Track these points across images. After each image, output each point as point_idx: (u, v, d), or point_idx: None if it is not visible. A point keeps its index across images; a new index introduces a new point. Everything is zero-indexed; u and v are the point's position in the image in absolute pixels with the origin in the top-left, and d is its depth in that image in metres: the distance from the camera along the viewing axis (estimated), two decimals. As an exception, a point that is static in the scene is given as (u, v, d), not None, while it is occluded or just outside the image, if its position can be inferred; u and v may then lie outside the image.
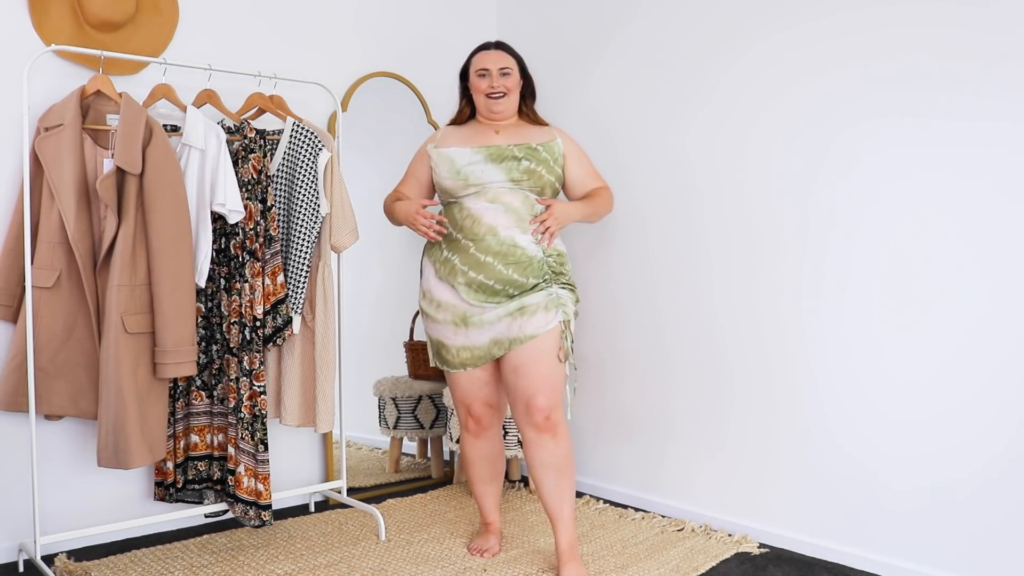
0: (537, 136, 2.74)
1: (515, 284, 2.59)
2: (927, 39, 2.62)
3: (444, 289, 2.65)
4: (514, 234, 2.61)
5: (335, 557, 2.84)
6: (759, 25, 3.03)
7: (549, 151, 2.70)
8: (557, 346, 2.59)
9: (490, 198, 2.62)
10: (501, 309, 2.59)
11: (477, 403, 2.76)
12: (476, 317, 2.61)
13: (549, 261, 2.64)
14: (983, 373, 2.54)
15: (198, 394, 2.94)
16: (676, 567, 2.78)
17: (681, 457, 3.31)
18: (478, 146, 2.67)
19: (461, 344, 2.66)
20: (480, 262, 2.59)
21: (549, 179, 2.68)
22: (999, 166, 2.49)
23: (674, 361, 3.32)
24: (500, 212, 2.61)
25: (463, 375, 2.72)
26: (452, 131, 2.80)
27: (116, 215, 2.55)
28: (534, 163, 2.65)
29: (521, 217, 2.63)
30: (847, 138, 2.80)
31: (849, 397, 2.82)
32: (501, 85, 2.72)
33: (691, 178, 3.25)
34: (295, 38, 3.35)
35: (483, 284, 2.59)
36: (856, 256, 2.80)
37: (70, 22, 2.80)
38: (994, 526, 2.52)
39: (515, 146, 2.66)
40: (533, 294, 2.59)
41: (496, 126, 2.77)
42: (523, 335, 2.57)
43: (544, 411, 2.56)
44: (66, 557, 2.77)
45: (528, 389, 2.57)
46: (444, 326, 2.68)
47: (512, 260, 2.59)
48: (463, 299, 2.61)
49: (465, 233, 2.63)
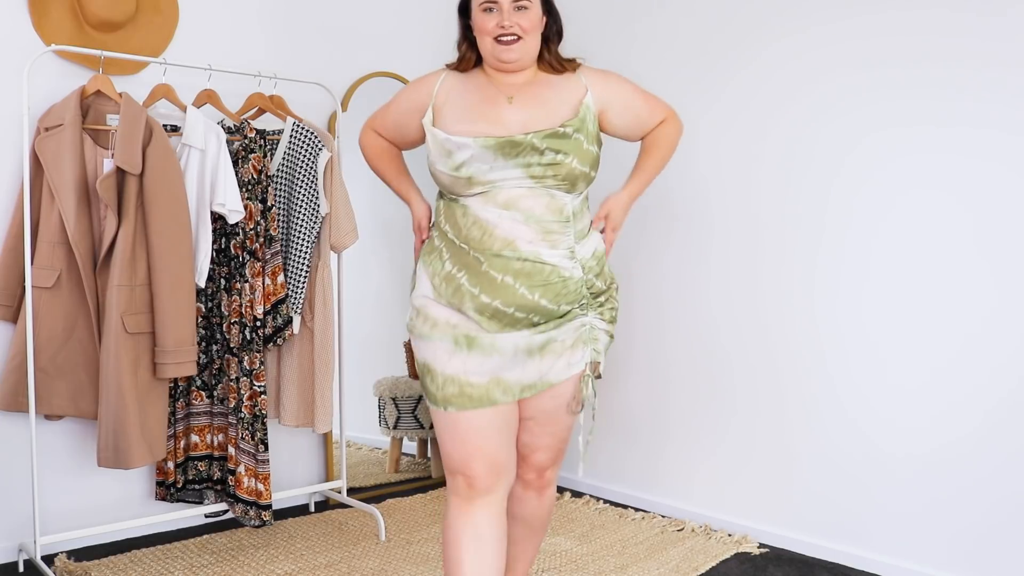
0: (563, 100, 2.00)
1: (542, 312, 1.91)
2: (945, 48, 2.62)
3: (446, 311, 1.96)
4: (539, 249, 1.91)
5: (335, 557, 2.84)
6: (772, 27, 3.03)
7: (581, 125, 1.95)
8: (575, 394, 2.00)
9: (503, 202, 1.91)
10: (520, 338, 1.92)
11: (476, 462, 1.95)
12: (487, 339, 1.92)
13: (588, 279, 1.96)
14: (984, 373, 2.54)
15: (198, 394, 2.94)
16: (676, 567, 2.78)
17: (681, 457, 3.31)
18: (484, 134, 1.92)
19: (452, 373, 1.92)
20: (496, 284, 1.89)
21: (582, 170, 1.94)
22: (1011, 168, 2.50)
23: (675, 361, 3.32)
24: (519, 222, 1.91)
25: (461, 420, 1.94)
26: (454, 87, 2.04)
27: (116, 215, 2.55)
28: (562, 153, 1.91)
29: (547, 227, 1.92)
30: (865, 145, 2.81)
31: (848, 398, 2.82)
32: (515, 25, 1.94)
33: (695, 178, 3.25)
34: (295, 38, 3.35)
35: (499, 312, 1.90)
36: (869, 260, 2.80)
37: (70, 22, 2.80)
38: (994, 527, 2.52)
39: (535, 133, 1.91)
40: (563, 325, 1.94)
41: (508, 87, 2.01)
42: (542, 382, 1.95)
43: (540, 469, 2.11)
44: (66, 557, 2.77)
45: (530, 443, 2.07)
46: (438, 343, 1.94)
47: (539, 282, 1.90)
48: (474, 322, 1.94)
49: (472, 245, 1.92)
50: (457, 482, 1.97)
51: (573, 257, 1.94)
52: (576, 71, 2.05)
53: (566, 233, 1.94)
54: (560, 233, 1.93)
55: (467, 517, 1.95)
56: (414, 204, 2.13)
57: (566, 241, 1.94)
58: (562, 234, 1.93)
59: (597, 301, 2.00)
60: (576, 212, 1.96)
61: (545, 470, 2.12)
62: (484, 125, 1.94)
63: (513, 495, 2.11)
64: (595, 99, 2.01)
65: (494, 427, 1.94)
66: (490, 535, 1.95)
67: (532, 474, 2.11)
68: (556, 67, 2.05)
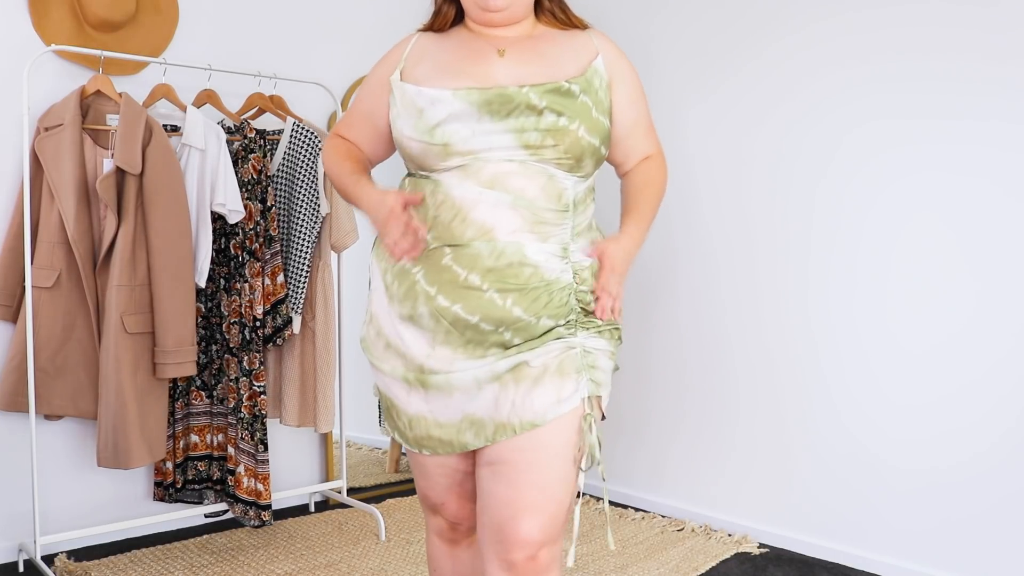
0: (568, 57, 1.57)
1: (516, 325, 1.48)
2: (934, 39, 2.62)
3: (396, 322, 1.56)
4: (522, 240, 1.48)
5: (335, 557, 2.84)
6: (770, 28, 3.03)
7: (588, 87, 1.53)
8: (573, 441, 1.50)
9: (488, 179, 1.48)
10: (483, 369, 1.50)
11: (454, 501, 1.68)
12: (440, 377, 1.52)
13: (580, 290, 1.52)
14: (978, 371, 2.54)
15: (198, 394, 2.94)
16: (676, 567, 2.78)
17: (681, 457, 3.31)
18: (466, 87, 1.50)
19: (416, 413, 1.58)
20: (458, 283, 1.48)
21: (590, 141, 1.52)
22: (1002, 164, 2.50)
23: (675, 361, 3.32)
24: (504, 206, 1.48)
25: (431, 458, 1.63)
26: (427, 44, 1.62)
27: (116, 215, 2.55)
28: (566, 116, 1.49)
29: (539, 215, 1.49)
30: (853, 138, 2.81)
31: (848, 399, 2.82)
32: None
33: (695, 178, 3.25)
34: (295, 38, 3.35)
35: (460, 320, 1.48)
36: (860, 257, 2.80)
37: (70, 22, 2.80)
38: (995, 527, 2.52)
39: (532, 87, 1.49)
40: (543, 344, 1.50)
41: (499, 40, 1.59)
42: (518, 421, 1.49)
43: (530, 546, 1.48)
44: (66, 557, 2.77)
45: (510, 504, 1.49)
46: (391, 380, 1.60)
47: (515, 284, 1.48)
48: (423, 342, 1.53)
49: (439, 231, 1.50)
50: (438, 524, 1.73)
51: (565, 256, 1.52)
52: (586, 30, 1.63)
53: (562, 225, 1.51)
54: (555, 224, 1.50)
55: (452, 558, 1.76)
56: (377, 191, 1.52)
57: (560, 235, 1.51)
58: (557, 225, 1.50)
59: (592, 321, 1.53)
60: (578, 200, 1.54)
61: (536, 548, 1.48)
62: (467, 80, 1.51)
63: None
64: (607, 67, 1.58)
65: (471, 459, 1.61)
66: (479, 568, 1.70)
67: (520, 553, 1.48)
68: (560, 19, 1.62)
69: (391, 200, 1.45)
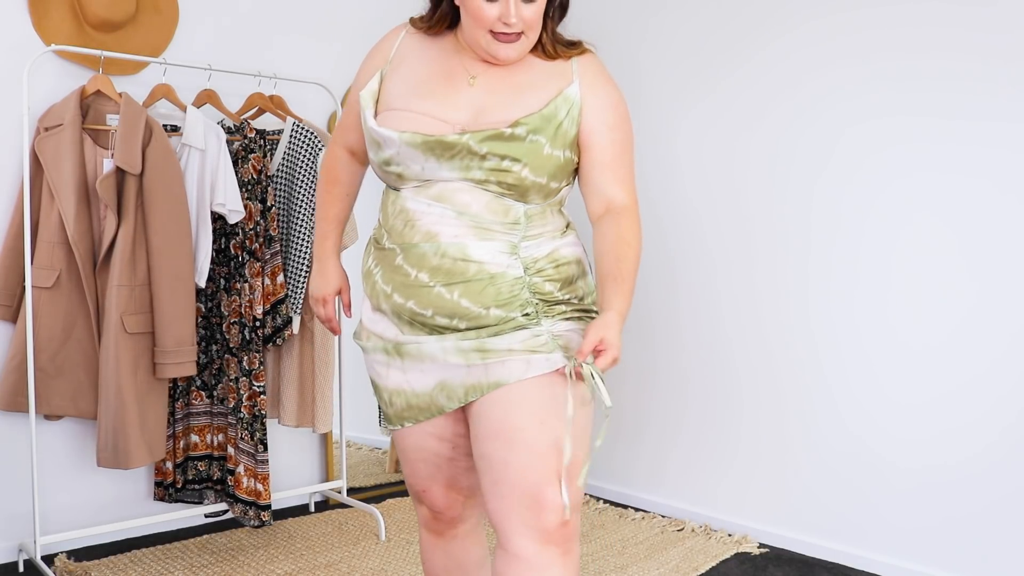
0: (539, 87, 1.58)
1: (466, 316, 1.55)
2: (929, 39, 2.62)
3: (376, 317, 1.67)
4: (466, 241, 1.55)
5: (335, 557, 2.84)
6: (766, 28, 3.03)
7: (543, 124, 1.54)
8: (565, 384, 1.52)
9: (435, 195, 1.57)
10: (448, 342, 1.56)
11: (437, 488, 1.72)
12: (412, 347, 1.60)
13: (535, 281, 1.56)
14: (976, 369, 2.54)
15: (198, 394, 2.94)
16: (676, 567, 2.78)
17: (681, 457, 3.31)
18: (411, 130, 1.55)
19: (395, 386, 1.65)
20: (409, 281, 1.57)
21: (536, 181, 1.55)
22: (1000, 163, 2.50)
23: (675, 361, 3.32)
24: (449, 216, 1.55)
25: (405, 438, 1.70)
26: (412, 45, 1.66)
27: (116, 215, 2.55)
28: (509, 159, 1.53)
29: (484, 225, 1.55)
30: (850, 137, 2.81)
31: (848, 398, 2.82)
32: (521, 20, 1.53)
33: (692, 178, 3.25)
34: (295, 38, 3.35)
35: (417, 314, 1.57)
36: (859, 255, 2.80)
37: (70, 22, 2.80)
38: (995, 526, 2.52)
39: (473, 134, 1.52)
40: (503, 336, 1.54)
41: (477, 64, 1.62)
42: (487, 381, 1.55)
43: (562, 509, 1.50)
44: (66, 557, 2.77)
45: (530, 468, 1.50)
46: (372, 356, 1.69)
47: (460, 279, 1.54)
48: (394, 328, 1.63)
49: (393, 235, 1.61)
50: (424, 514, 1.77)
51: (514, 253, 1.55)
52: (569, 59, 1.62)
53: (511, 234, 1.56)
54: (501, 233, 1.55)
55: (441, 551, 1.78)
56: (326, 264, 1.78)
57: (508, 239, 1.56)
58: (504, 234, 1.55)
59: (556, 309, 1.56)
60: (532, 215, 1.57)
61: (565, 512, 1.49)
62: (432, 104, 1.56)
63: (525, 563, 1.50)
64: (582, 92, 1.58)
65: (449, 442, 1.65)
66: (469, 560, 1.75)
67: (553, 519, 1.49)
68: (548, 52, 1.62)
69: (329, 289, 1.81)
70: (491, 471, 1.53)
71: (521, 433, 1.51)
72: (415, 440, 1.68)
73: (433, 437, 1.66)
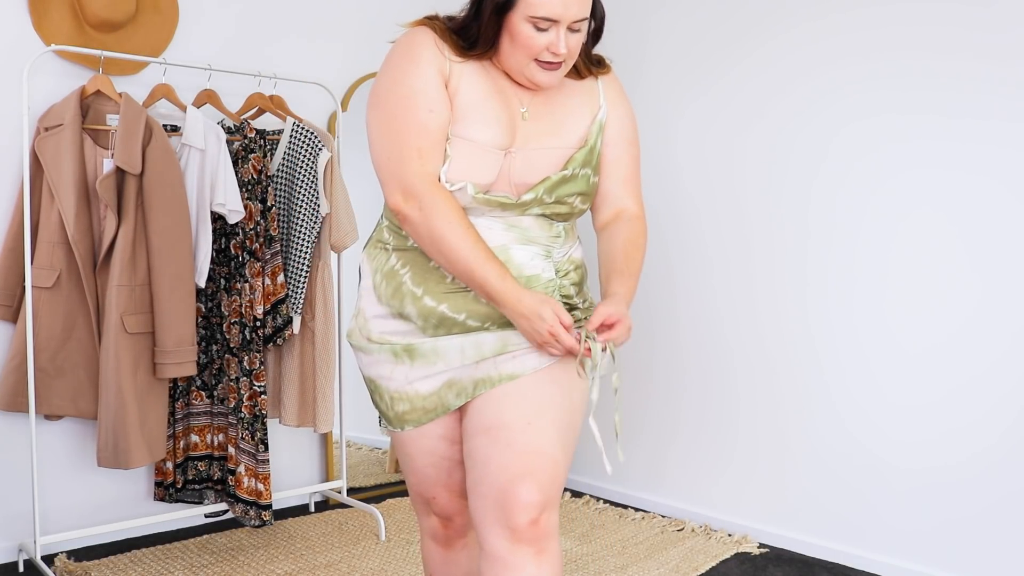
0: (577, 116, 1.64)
1: (500, 321, 1.56)
2: (926, 38, 2.62)
3: (387, 321, 1.63)
4: (509, 244, 1.58)
5: (335, 557, 2.84)
6: (764, 26, 3.03)
7: (589, 157, 1.62)
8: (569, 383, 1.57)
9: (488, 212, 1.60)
10: (468, 341, 1.57)
11: (446, 493, 1.70)
12: (427, 345, 1.58)
13: (562, 284, 1.62)
14: (977, 368, 2.54)
15: (198, 394, 2.94)
16: (676, 567, 2.78)
17: (681, 457, 3.31)
18: (487, 194, 1.55)
19: (397, 389, 1.62)
20: (444, 284, 1.57)
21: (582, 208, 1.65)
22: (999, 161, 2.50)
23: (674, 361, 3.32)
24: (498, 226, 1.58)
25: (412, 442, 1.67)
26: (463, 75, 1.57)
27: (116, 215, 2.55)
28: (569, 197, 1.61)
29: (529, 236, 1.60)
30: (847, 136, 2.81)
31: (847, 399, 2.82)
32: (567, 49, 1.54)
33: (690, 178, 3.25)
34: (295, 38, 3.35)
35: (446, 319, 1.57)
36: (857, 255, 2.80)
37: (70, 22, 2.80)
38: (994, 527, 2.52)
39: (543, 187, 1.57)
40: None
41: (522, 91, 1.62)
42: (497, 374, 1.56)
43: (531, 508, 1.47)
44: (66, 557, 2.77)
45: (506, 467, 1.49)
46: (376, 356, 1.64)
47: None
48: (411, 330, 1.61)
49: None
50: (431, 525, 1.72)
51: (548, 256, 1.60)
52: (597, 78, 1.69)
53: (551, 244, 1.62)
54: (543, 243, 1.61)
55: (446, 561, 1.74)
56: (525, 300, 1.50)
57: (546, 245, 1.61)
58: (544, 244, 1.61)
59: (574, 314, 1.61)
60: (568, 229, 1.66)
61: (538, 512, 1.47)
62: (495, 133, 1.55)
63: (498, 563, 1.48)
64: (607, 113, 1.66)
65: (459, 444, 1.63)
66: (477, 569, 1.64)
67: (523, 517, 1.46)
68: (581, 72, 1.66)
69: (549, 319, 1.47)
70: (474, 468, 1.53)
71: (506, 432, 1.51)
72: (424, 445, 1.65)
73: (444, 440, 1.65)
